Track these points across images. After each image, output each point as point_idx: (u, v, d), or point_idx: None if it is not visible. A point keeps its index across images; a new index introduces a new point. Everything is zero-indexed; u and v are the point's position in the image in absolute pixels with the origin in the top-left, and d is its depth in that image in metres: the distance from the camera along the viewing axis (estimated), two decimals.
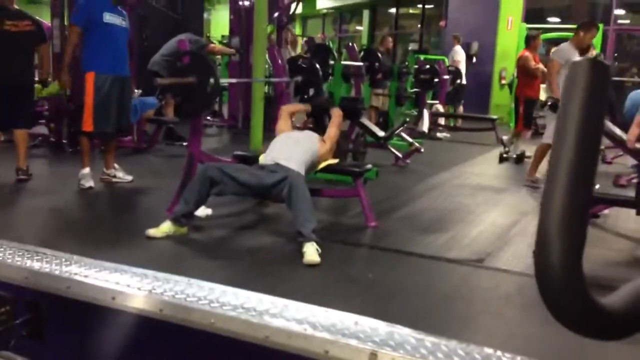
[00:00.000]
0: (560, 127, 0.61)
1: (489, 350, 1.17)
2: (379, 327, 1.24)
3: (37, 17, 6.05)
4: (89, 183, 5.17)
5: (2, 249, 1.53)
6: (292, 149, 4.24)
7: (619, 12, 14.13)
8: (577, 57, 6.12)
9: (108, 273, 1.42)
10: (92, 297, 1.36)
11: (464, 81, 11.99)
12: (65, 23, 6.91)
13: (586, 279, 0.62)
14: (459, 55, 12.40)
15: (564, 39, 12.50)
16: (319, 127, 4.80)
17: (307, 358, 1.18)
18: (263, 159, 4.24)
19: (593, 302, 0.63)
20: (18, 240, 1.62)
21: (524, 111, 7.86)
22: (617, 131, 5.16)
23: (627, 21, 15.03)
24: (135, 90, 5.87)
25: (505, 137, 8.49)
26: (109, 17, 5.12)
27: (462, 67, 12.23)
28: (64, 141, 6.84)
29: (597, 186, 5.05)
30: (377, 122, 8.99)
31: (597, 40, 11.38)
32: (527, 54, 7.74)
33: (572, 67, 0.62)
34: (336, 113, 4.78)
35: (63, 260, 1.48)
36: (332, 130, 4.58)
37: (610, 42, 13.20)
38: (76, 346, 1.42)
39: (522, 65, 7.71)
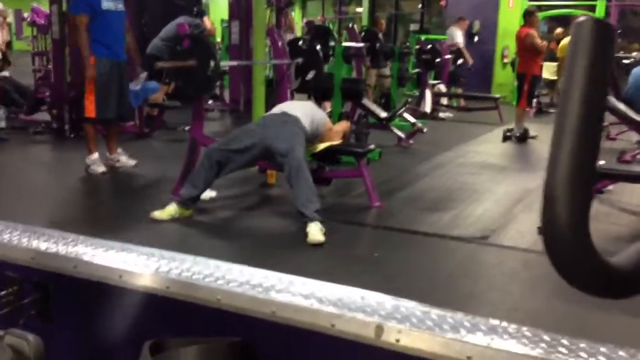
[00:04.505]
0: (565, 89, 0.61)
1: (494, 322, 1.18)
2: (385, 300, 1.24)
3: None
4: (101, 168, 5.19)
5: (8, 231, 1.53)
6: (300, 105, 4.35)
7: None
8: None
9: (115, 252, 1.42)
10: (99, 276, 1.36)
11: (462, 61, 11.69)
12: (64, 9, 6.86)
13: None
14: (457, 37, 12.14)
15: (566, 16, 12.37)
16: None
17: (314, 332, 1.18)
18: None
19: (601, 260, 0.63)
20: (23, 223, 1.63)
21: (528, 89, 7.81)
22: (621, 107, 5.14)
23: None
24: (142, 75, 5.82)
25: (512, 129, 8.09)
26: (106, 3, 5.11)
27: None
28: (66, 127, 6.83)
29: (601, 162, 5.04)
30: (378, 101, 8.94)
31: (600, 16, 11.29)
32: (531, 31, 7.65)
33: (575, 27, 0.62)
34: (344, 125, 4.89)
35: (70, 240, 1.48)
36: (338, 128, 4.67)
37: (612, 18, 13.08)
38: (84, 324, 1.43)
39: (529, 43, 7.59)
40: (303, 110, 4.23)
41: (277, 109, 4.35)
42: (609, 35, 0.61)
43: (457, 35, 12.00)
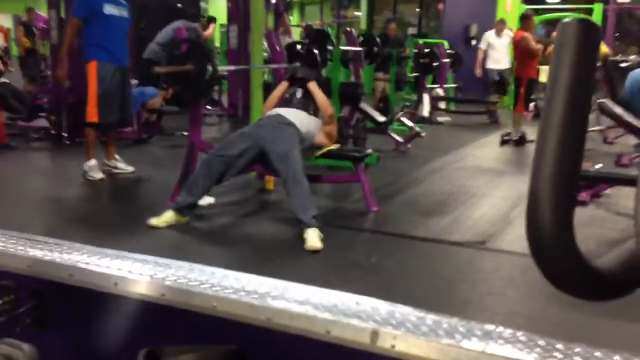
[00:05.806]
0: (551, 89, 0.61)
1: (490, 327, 1.18)
2: (380, 306, 1.24)
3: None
4: (99, 175, 5.19)
5: (4, 239, 1.53)
6: (294, 113, 4.30)
7: None
8: None
9: (110, 260, 1.42)
10: (94, 283, 1.36)
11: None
12: (62, 15, 6.87)
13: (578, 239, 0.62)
14: (483, 42, 11.19)
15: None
16: (306, 98, 4.68)
17: (309, 338, 1.18)
18: None
19: (584, 262, 0.63)
20: (21, 230, 1.63)
21: (525, 92, 7.83)
22: (619, 110, 5.15)
23: (627, 0, 14.90)
24: (133, 82, 5.88)
25: (509, 133, 8.07)
26: (108, 9, 5.12)
27: (488, 55, 11.02)
28: (64, 134, 6.83)
29: (599, 165, 5.04)
30: (377, 106, 8.94)
31: (597, 19, 11.30)
32: (526, 34, 7.69)
33: (561, 27, 0.62)
34: (312, 87, 4.56)
35: (65, 248, 1.48)
36: (322, 102, 4.47)
37: (610, 22, 13.10)
38: (80, 332, 1.43)
39: (524, 46, 7.64)
40: (298, 117, 4.23)
41: (273, 111, 4.34)
42: (594, 35, 0.61)
43: (483, 41, 11.24)
